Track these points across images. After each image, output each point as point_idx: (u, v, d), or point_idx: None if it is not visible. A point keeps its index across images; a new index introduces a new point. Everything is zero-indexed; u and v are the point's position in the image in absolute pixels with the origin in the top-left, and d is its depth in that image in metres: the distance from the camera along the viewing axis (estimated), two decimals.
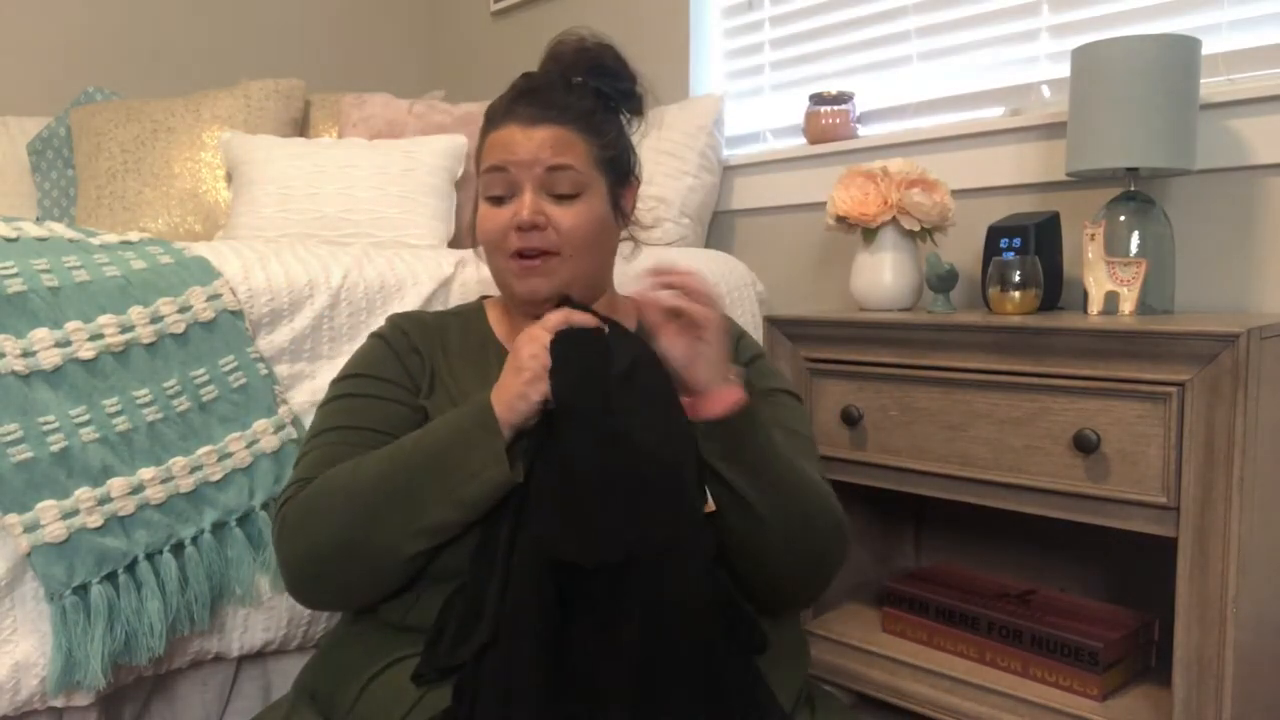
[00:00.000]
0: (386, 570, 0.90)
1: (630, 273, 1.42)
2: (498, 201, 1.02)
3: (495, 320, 1.12)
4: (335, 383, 1.05)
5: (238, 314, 1.24)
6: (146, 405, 1.14)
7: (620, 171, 1.07)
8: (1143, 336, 1.16)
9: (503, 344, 1.08)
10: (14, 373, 1.06)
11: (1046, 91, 1.71)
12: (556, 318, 0.90)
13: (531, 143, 0.99)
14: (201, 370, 1.19)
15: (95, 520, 1.07)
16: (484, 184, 1.03)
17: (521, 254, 1.00)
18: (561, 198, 1.00)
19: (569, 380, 0.85)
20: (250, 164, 1.94)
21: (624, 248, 1.16)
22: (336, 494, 0.90)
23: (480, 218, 1.04)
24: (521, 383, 0.87)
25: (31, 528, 1.04)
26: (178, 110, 2.16)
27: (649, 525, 0.81)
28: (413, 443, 0.91)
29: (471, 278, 1.47)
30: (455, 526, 0.88)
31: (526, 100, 1.02)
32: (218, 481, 1.18)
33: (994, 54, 1.78)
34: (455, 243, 1.93)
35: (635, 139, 1.12)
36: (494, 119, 1.04)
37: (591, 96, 1.04)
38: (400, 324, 1.09)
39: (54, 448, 1.06)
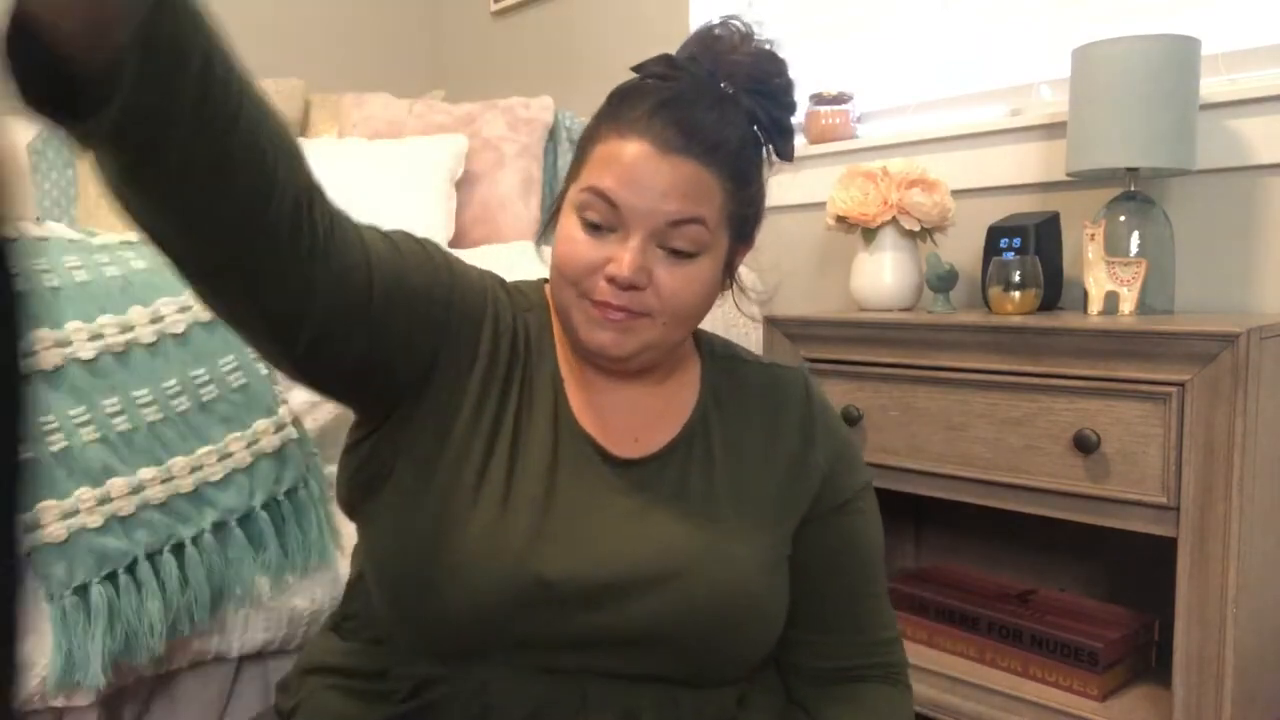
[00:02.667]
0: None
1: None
2: (591, 229, 0.78)
3: (559, 338, 0.87)
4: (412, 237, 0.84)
5: None
6: (146, 405, 1.14)
7: (745, 231, 0.85)
8: (1143, 336, 1.16)
9: (564, 382, 0.85)
10: None
11: (1046, 92, 1.71)
12: None
13: (661, 181, 0.75)
14: (201, 370, 1.19)
15: (95, 520, 1.07)
16: (582, 200, 0.78)
17: (604, 305, 0.78)
18: (675, 254, 0.78)
19: None
20: None
21: None
22: None
23: (564, 236, 0.79)
24: None
25: (31, 528, 1.04)
26: None
27: None
28: None
29: None
30: None
31: (670, 113, 0.77)
32: (218, 482, 1.18)
33: (994, 54, 1.78)
34: (455, 243, 1.93)
35: None
36: (621, 118, 0.78)
37: (744, 125, 0.81)
38: (516, 302, 0.86)
39: (54, 448, 1.06)
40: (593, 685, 0.80)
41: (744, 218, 0.82)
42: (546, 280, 0.88)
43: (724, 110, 0.79)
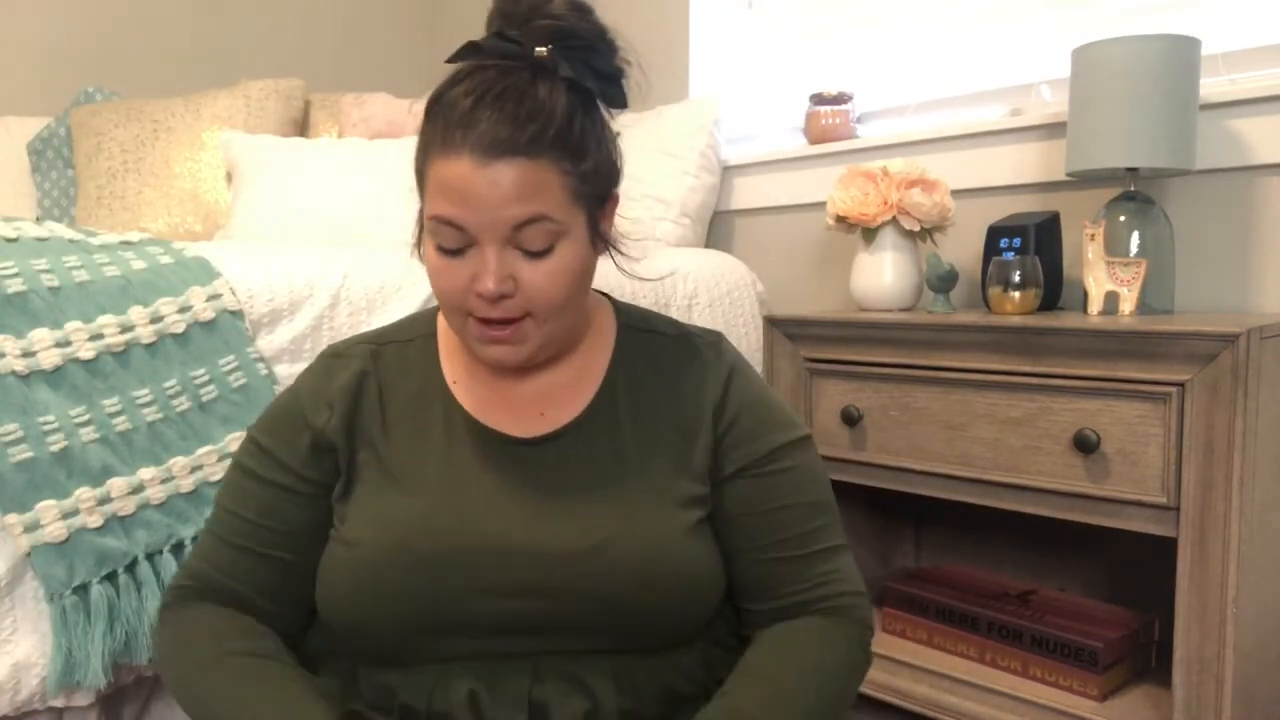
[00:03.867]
0: None
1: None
2: (450, 254, 0.79)
3: (446, 349, 0.91)
4: (248, 436, 0.90)
5: (238, 314, 1.24)
6: (146, 405, 1.14)
7: (601, 194, 0.84)
8: (1143, 336, 1.16)
9: (450, 387, 0.88)
10: (14, 373, 1.06)
11: (1046, 92, 1.71)
12: None
13: (494, 191, 0.75)
14: (201, 370, 1.19)
15: (95, 520, 1.07)
16: (431, 228, 0.80)
17: (486, 322, 0.80)
18: (532, 253, 0.78)
19: None
20: (250, 164, 1.94)
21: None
22: (182, 691, 0.83)
23: (431, 269, 0.81)
24: None
25: (31, 528, 1.04)
26: (178, 110, 2.16)
27: None
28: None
29: None
30: None
31: (484, 115, 0.76)
32: (218, 481, 1.18)
33: (994, 54, 1.78)
34: None
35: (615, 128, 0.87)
36: (441, 133, 0.78)
37: (566, 89, 0.79)
38: (330, 369, 0.90)
39: (54, 448, 1.06)
40: (544, 661, 0.82)
41: (594, 185, 0.81)
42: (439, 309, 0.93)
43: (540, 88, 0.78)
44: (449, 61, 0.82)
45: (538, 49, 0.79)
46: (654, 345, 0.92)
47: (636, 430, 0.87)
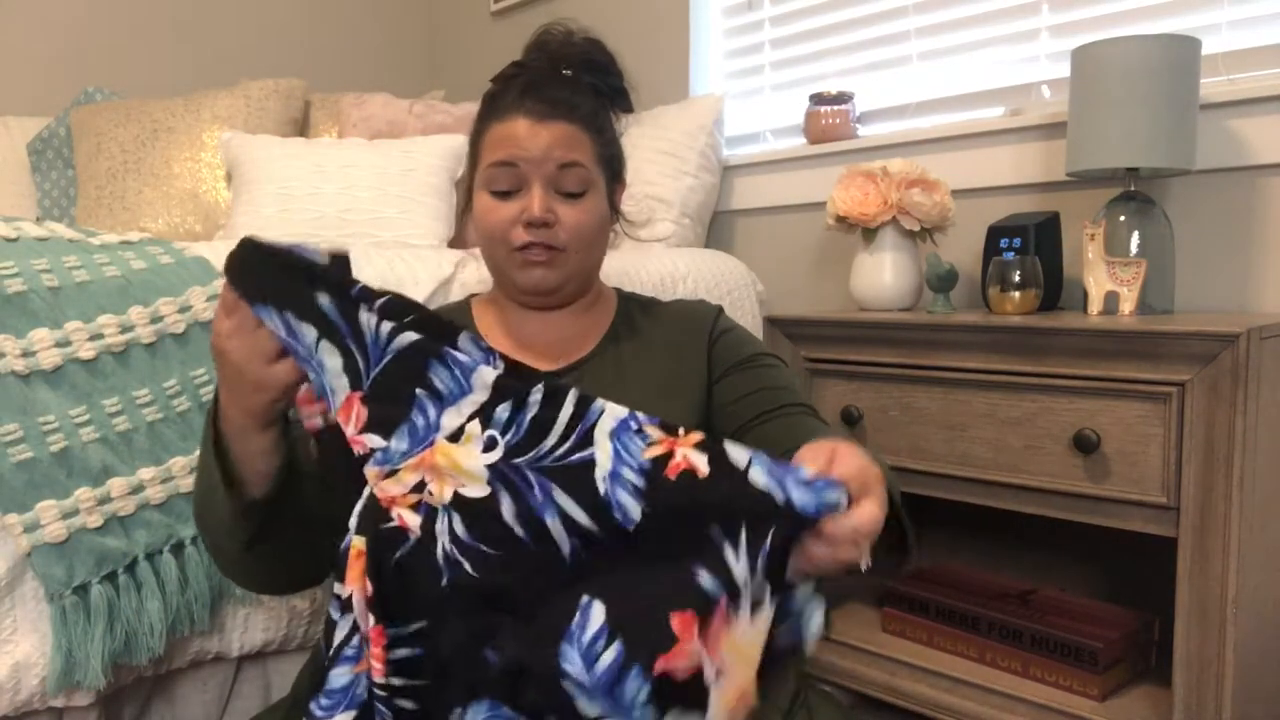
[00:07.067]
0: (248, 565, 0.91)
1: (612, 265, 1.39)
2: (503, 195, 1.01)
3: (481, 318, 1.10)
4: None
5: None
6: (146, 405, 1.14)
7: (616, 169, 1.08)
8: (1142, 336, 1.16)
9: (484, 336, 1.06)
10: (14, 373, 1.06)
11: (1046, 91, 1.71)
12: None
13: (542, 139, 0.99)
14: (201, 370, 1.19)
15: (95, 520, 1.07)
16: (487, 177, 1.01)
17: (528, 248, 1.00)
18: (568, 195, 1.00)
19: None
20: (250, 164, 1.94)
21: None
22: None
23: (482, 210, 1.02)
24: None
25: (31, 528, 1.04)
26: (178, 110, 2.16)
27: None
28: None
29: (472, 278, 1.47)
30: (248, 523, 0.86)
31: (534, 95, 1.01)
32: None
33: (994, 54, 1.78)
34: (455, 243, 1.93)
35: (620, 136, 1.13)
36: (497, 110, 1.02)
37: (590, 94, 1.04)
38: None
39: (54, 448, 1.06)
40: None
41: (611, 158, 1.07)
42: (471, 296, 1.17)
43: (570, 86, 1.03)
44: (495, 79, 1.06)
45: (564, 70, 1.05)
46: (654, 309, 1.14)
47: (637, 364, 1.06)
